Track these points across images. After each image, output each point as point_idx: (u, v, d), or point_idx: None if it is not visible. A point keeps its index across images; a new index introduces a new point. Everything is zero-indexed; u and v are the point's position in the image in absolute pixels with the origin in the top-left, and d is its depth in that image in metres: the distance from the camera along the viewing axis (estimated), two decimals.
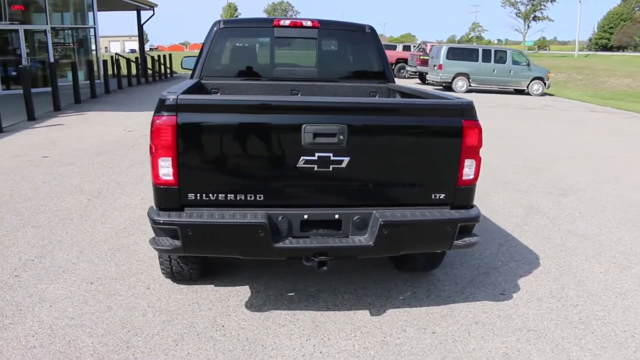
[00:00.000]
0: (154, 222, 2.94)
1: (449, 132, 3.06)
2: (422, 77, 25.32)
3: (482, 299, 3.78)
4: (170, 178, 2.93)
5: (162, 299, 3.67)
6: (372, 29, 4.73)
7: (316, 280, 3.98)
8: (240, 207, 3.01)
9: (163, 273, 3.82)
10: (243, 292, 3.81)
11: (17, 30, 16.80)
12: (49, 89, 13.29)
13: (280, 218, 3.02)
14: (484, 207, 5.84)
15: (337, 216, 3.07)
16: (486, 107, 16.53)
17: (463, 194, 3.18)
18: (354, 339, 3.23)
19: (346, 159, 2.97)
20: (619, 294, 3.89)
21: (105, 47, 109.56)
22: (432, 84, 23.26)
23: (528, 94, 21.88)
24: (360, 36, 4.73)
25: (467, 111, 3.06)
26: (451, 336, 3.28)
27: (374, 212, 3.06)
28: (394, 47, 34.49)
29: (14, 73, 16.60)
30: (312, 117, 2.92)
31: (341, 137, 2.93)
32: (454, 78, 21.74)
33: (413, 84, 25.44)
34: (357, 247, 3.03)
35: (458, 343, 3.21)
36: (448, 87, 21.98)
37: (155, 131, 2.87)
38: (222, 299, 3.69)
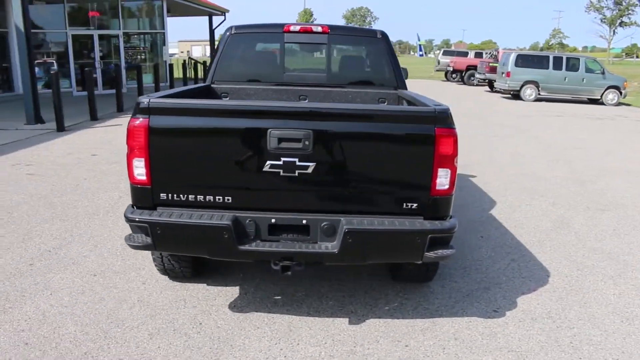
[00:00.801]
0: (127, 219, 3.08)
1: (420, 140, 2.98)
2: (491, 85, 24.52)
3: (472, 314, 3.63)
4: (144, 178, 3.06)
5: (153, 294, 3.82)
6: (383, 34, 4.68)
7: (306, 286, 3.98)
8: (210, 209, 3.08)
9: (158, 270, 3.97)
10: (232, 292, 3.88)
11: (92, 35, 18.00)
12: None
13: (247, 221, 3.06)
14: (510, 219, 5.63)
15: (305, 222, 3.07)
16: (551, 117, 15.78)
17: (437, 205, 3.07)
18: (323, 346, 3.21)
19: (312, 165, 2.97)
20: (625, 319, 3.61)
21: (187, 51, 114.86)
22: (500, 92, 22.49)
23: (602, 103, 20.63)
24: (371, 42, 4.70)
25: (440, 119, 2.97)
26: (423, 351, 3.18)
27: (342, 219, 3.04)
28: (465, 54, 33.69)
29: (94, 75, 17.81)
30: (278, 122, 2.94)
31: (306, 142, 2.93)
32: (522, 86, 20.89)
33: (482, 91, 24.72)
34: (322, 254, 3.02)
35: (428, 358, 3.11)
36: (516, 95, 21.17)
37: (129, 133, 3.00)
38: (209, 298, 3.78)
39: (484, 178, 7.56)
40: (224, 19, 29.84)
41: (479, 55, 32.21)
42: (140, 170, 3.05)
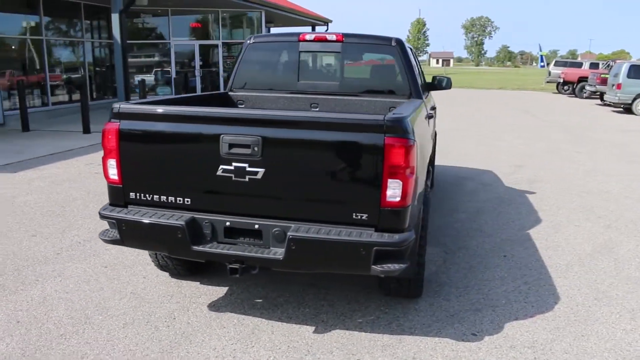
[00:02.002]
0: (99, 215, 3.34)
1: (369, 150, 2.90)
2: (603, 98, 22.60)
3: (445, 336, 3.44)
4: (116, 178, 3.30)
5: (147, 288, 4.07)
6: (398, 42, 4.59)
7: (293, 292, 4.02)
8: (172, 209, 3.24)
9: (156, 266, 4.21)
10: (219, 292, 4.02)
11: (193, 45, 19.35)
12: None
13: (204, 222, 3.18)
14: (548, 240, 5.24)
15: (257, 226, 3.12)
16: None
17: (389, 217, 2.97)
18: (276, 351, 3.23)
19: (261, 171, 3.02)
20: (620, 357, 3.21)
21: None
22: (610, 105, 20.67)
23: None
24: (384, 49, 4.63)
25: (390, 128, 2.87)
26: None
27: (292, 225, 3.05)
28: (579, 65, 31.36)
29: (201, 83, 19.17)
30: (229, 128, 3.03)
31: (255, 148, 2.99)
32: (634, 99, 19.01)
33: (591, 105, 22.90)
34: (268, 259, 3.05)
35: None
36: (627, 109, 19.32)
37: (103, 135, 3.26)
38: (194, 295, 3.95)
39: (543, 194, 7.06)
40: (327, 29, 30.59)
41: (594, 66, 29.81)
42: (113, 170, 3.29)
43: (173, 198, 3.23)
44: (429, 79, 6.30)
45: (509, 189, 7.39)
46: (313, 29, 30.11)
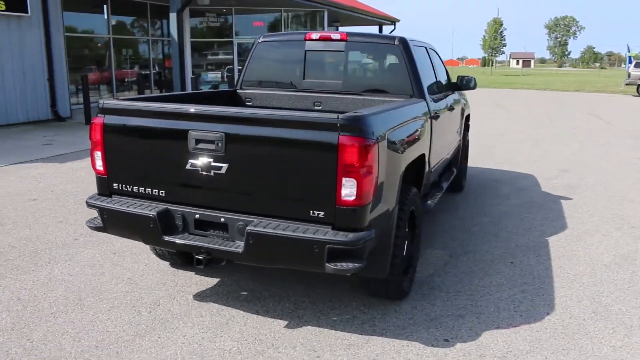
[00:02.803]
0: (86, 204, 3.55)
1: (323, 148, 2.91)
2: None
3: (417, 340, 3.37)
4: (102, 169, 3.51)
5: (144, 275, 4.27)
6: (402, 41, 4.52)
7: (280, 286, 4.08)
8: (149, 200, 3.40)
9: (155, 255, 4.41)
10: (210, 282, 4.15)
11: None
12: None
13: (177, 214, 3.31)
14: (565, 249, 5.02)
15: (223, 220, 3.21)
16: None
17: (344, 215, 2.96)
18: (241, 342, 3.31)
19: (225, 166, 3.11)
20: None
21: None
22: None
23: None
24: (387, 49, 4.57)
25: (345, 126, 2.87)
26: None
27: (254, 220, 3.11)
28: None
29: None
30: (196, 124, 3.14)
31: (219, 144, 3.08)
32: None
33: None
34: (230, 252, 3.13)
35: None
36: None
37: (90, 129, 3.47)
38: (186, 284, 4.10)
39: (579, 200, 6.68)
40: (394, 29, 30.31)
41: None
42: (98, 162, 3.50)
43: (150, 190, 3.39)
44: (456, 80, 6.14)
45: (545, 194, 7.05)
46: (380, 29, 29.94)
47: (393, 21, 29.76)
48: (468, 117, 7.18)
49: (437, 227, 5.58)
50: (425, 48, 5.35)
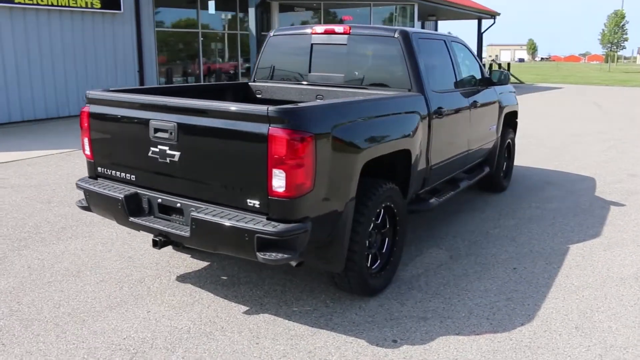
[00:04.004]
0: (76, 185, 3.90)
1: (255, 139, 2.98)
2: None
3: (363, 337, 3.32)
4: (89, 153, 3.83)
5: (145, 255, 4.59)
6: (402, 33, 4.40)
7: (261, 275, 4.19)
8: (124, 183, 3.67)
9: None
10: (199, 266, 4.37)
11: None
12: None
13: (144, 198, 3.55)
14: (589, 258, 4.69)
15: (179, 205, 3.39)
16: None
17: (276, 206, 3.00)
18: (195, 322, 3.46)
19: (177, 154, 3.28)
20: None
21: (496, 55, 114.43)
22: None
23: None
24: (387, 42, 4.47)
25: (274, 118, 2.91)
26: (265, 353, 3.15)
27: (201, 206, 3.26)
28: None
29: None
30: (155, 114, 3.34)
31: (172, 133, 3.26)
32: None
33: None
34: (179, 235, 3.30)
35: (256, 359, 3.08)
36: None
37: (80, 117, 3.81)
38: (176, 266, 4.35)
39: (631, 208, 6.06)
40: (494, 22, 28.95)
41: None
42: (86, 147, 3.83)
43: (124, 174, 3.66)
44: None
45: (595, 199, 6.49)
46: (479, 23, 28.74)
47: (493, 15, 28.38)
48: (513, 114, 6.78)
49: (452, 227, 5.38)
50: (445, 41, 5.15)
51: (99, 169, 3.82)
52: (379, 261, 3.92)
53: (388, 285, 3.99)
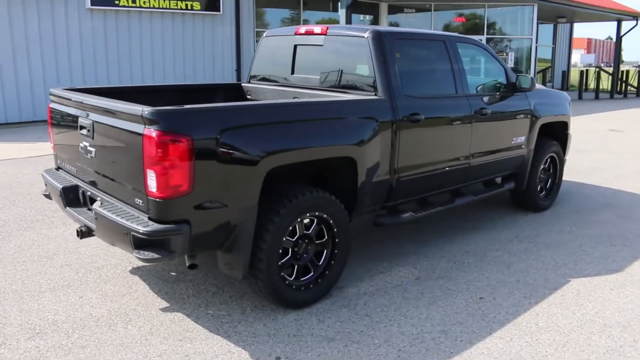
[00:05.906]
0: (41, 175, 4.25)
1: (135, 139, 3.03)
2: None
3: (248, 350, 3.18)
4: (52, 146, 4.17)
5: None
6: (373, 34, 4.10)
7: (210, 275, 4.22)
8: (72, 176, 3.93)
9: None
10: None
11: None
12: None
13: (80, 190, 3.77)
14: (587, 298, 4.03)
15: (98, 199, 3.54)
16: None
17: (152, 206, 3.02)
18: (110, 310, 3.58)
19: (94, 150, 3.44)
20: None
21: None
22: None
23: None
24: (356, 43, 4.20)
25: (148, 120, 2.91)
26: (193, 352, 3.17)
27: (111, 201, 3.38)
28: None
29: None
30: (80, 112, 3.56)
31: (89, 130, 3.44)
32: None
33: None
34: (92, 228, 3.45)
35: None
36: None
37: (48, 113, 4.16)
38: (161, 266, 4.39)
39: None
40: (636, 24, 25.61)
41: None
42: (51, 141, 4.18)
43: (69, 166, 3.93)
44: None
45: None
46: (618, 26, 25.65)
47: (635, 16, 25.07)
48: (558, 125, 6.01)
49: (447, 246, 4.91)
50: (445, 42, 4.72)
51: (59, 161, 4.13)
52: (312, 273, 3.73)
53: (320, 299, 3.78)
